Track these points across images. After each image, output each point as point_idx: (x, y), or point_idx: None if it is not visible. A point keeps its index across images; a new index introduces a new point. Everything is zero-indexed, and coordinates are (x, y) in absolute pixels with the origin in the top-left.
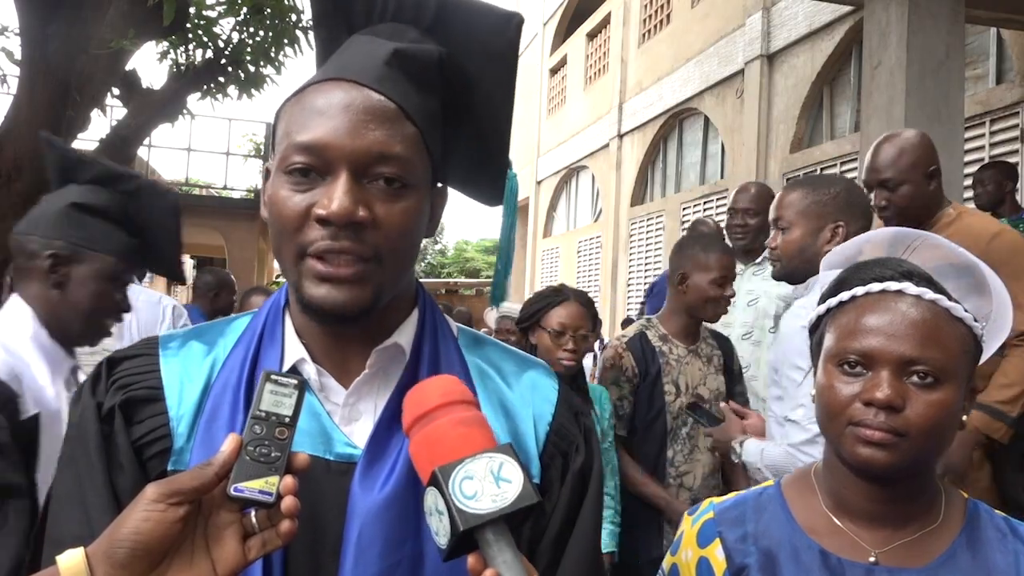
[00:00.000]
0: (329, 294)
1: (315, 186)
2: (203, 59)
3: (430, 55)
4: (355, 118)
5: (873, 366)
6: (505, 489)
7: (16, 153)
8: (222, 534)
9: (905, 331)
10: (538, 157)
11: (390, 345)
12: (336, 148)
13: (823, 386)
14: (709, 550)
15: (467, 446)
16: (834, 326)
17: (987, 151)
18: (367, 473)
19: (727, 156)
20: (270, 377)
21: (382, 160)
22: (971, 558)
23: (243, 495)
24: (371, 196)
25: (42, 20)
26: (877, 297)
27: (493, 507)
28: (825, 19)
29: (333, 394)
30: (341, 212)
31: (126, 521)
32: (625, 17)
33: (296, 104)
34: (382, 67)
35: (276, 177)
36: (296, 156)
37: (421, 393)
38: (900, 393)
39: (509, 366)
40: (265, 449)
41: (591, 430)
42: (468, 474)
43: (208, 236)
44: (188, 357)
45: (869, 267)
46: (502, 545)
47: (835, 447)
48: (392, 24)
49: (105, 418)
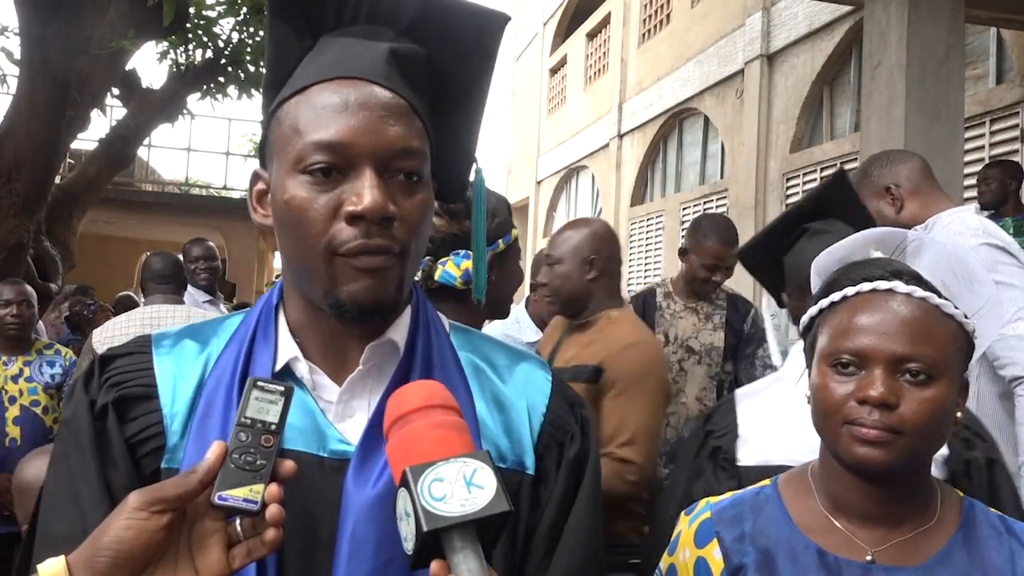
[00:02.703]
0: (364, 287)
1: (338, 185)
2: (203, 59)
3: (419, 54)
4: (374, 114)
5: (866, 365)
6: (476, 495)
7: (16, 153)
8: (206, 542)
9: (897, 329)
10: (538, 157)
11: (385, 341)
12: (360, 145)
13: (817, 386)
14: (707, 550)
15: (441, 449)
16: (827, 326)
17: (987, 151)
18: (361, 470)
19: (727, 156)
20: (256, 384)
21: (403, 155)
22: (967, 556)
23: (227, 503)
24: (393, 191)
25: (42, 20)
26: (868, 296)
27: (461, 511)
28: (825, 19)
29: (326, 392)
30: (375, 207)
31: (108, 529)
32: (625, 17)
33: (302, 104)
34: (385, 65)
35: (288, 179)
36: (317, 155)
37: (402, 396)
38: (894, 391)
39: (502, 360)
40: (250, 457)
41: (587, 420)
42: (439, 476)
43: (208, 236)
44: (181, 355)
45: (859, 267)
46: (468, 553)
47: (831, 446)
48: (367, 26)
49: (98, 415)
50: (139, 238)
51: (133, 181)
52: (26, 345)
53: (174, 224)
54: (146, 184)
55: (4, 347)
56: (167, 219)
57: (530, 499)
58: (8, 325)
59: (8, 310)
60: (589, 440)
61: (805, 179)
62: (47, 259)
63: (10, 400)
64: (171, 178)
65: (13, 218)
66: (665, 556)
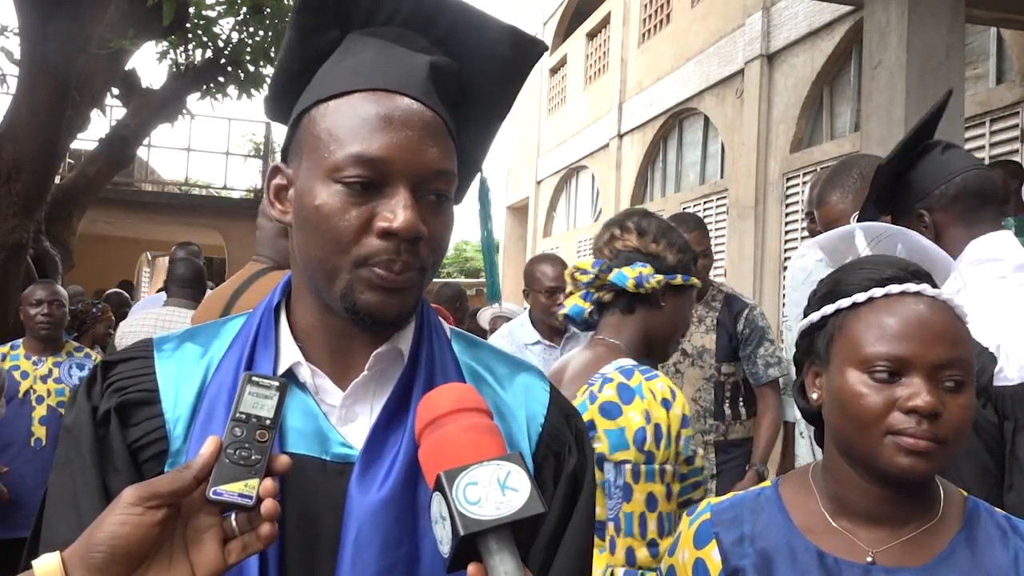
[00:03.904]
0: (383, 301)
1: (372, 199)
2: (203, 59)
3: (455, 70)
4: (416, 134)
5: (906, 372)
6: (511, 497)
7: (16, 153)
8: (202, 537)
9: (935, 335)
10: (538, 157)
11: (390, 349)
12: (400, 163)
13: (849, 394)
14: (705, 551)
15: (474, 453)
16: (852, 329)
17: (987, 151)
18: (365, 474)
19: (727, 156)
20: (251, 379)
21: (438, 176)
22: (970, 556)
23: (222, 498)
24: (424, 210)
25: (42, 20)
26: (898, 299)
27: (496, 514)
28: (825, 19)
29: (329, 395)
30: (409, 228)
31: (103, 525)
32: (625, 17)
33: (343, 109)
34: (426, 81)
35: (320, 184)
36: (356, 168)
37: (433, 400)
38: (941, 399)
39: (502, 368)
40: (245, 452)
41: (583, 432)
42: (473, 480)
43: (208, 236)
44: (183, 359)
45: (868, 267)
46: (504, 556)
47: (866, 456)
48: (399, 29)
49: (100, 421)
50: (139, 238)
51: (133, 181)
52: (57, 346)
53: (174, 224)
54: (146, 184)
55: (35, 347)
56: (167, 219)
57: None
58: (39, 324)
59: (39, 309)
60: (586, 453)
61: (805, 179)
62: (47, 259)
63: (38, 400)
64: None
65: (13, 218)
66: (665, 557)
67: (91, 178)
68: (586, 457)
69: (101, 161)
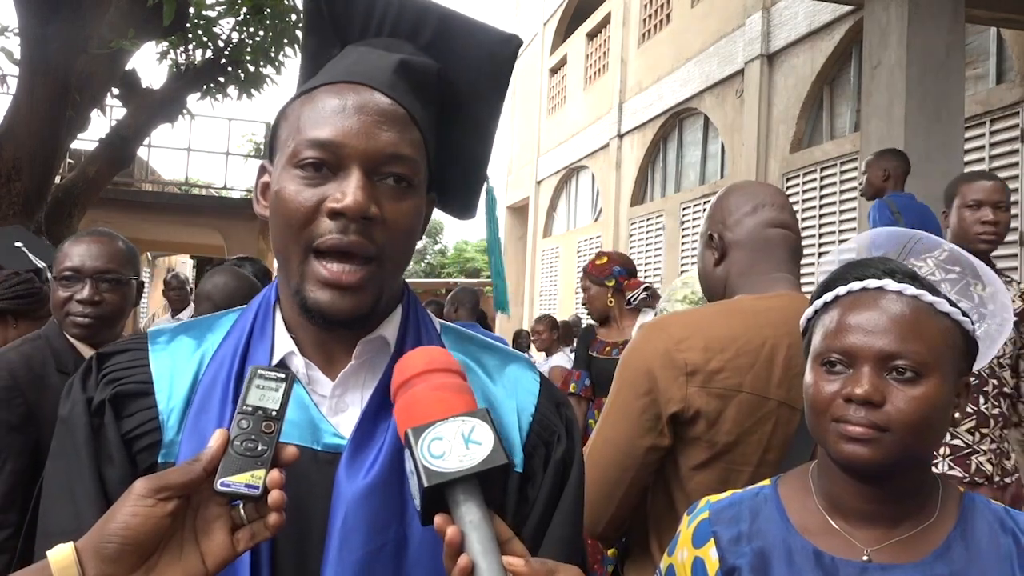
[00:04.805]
0: (333, 300)
1: (326, 182)
2: (203, 59)
3: (431, 68)
4: (369, 119)
5: (854, 363)
6: (474, 451)
7: (16, 153)
8: (211, 527)
9: (884, 327)
10: (538, 157)
11: (375, 338)
12: (351, 146)
13: (809, 385)
14: (704, 550)
15: (442, 410)
16: (819, 326)
17: (987, 151)
18: (352, 461)
19: (727, 156)
20: (257, 372)
21: (393, 160)
22: (965, 550)
23: (230, 489)
24: (380, 194)
25: (42, 20)
26: (858, 295)
27: (459, 467)
28: (825, 19)
29: (320, 386)
30: (355, 206)
31: (115, 516)
32: (625, 17)
33: (307, 103)
34: (391, 75)
35: (283, 172)
36: (309, 151)
37: (406, 362)
38: (879, 388)
39: (491, 361)
40: (251, 443)
41: (572, 420)
42: (438, 435)
43: (208, 236)
44: (177, 351)
45: (854, 267)
46: (471, 505)
47: (823, 444)
48: (388, 39)
49: (95, 412)
50: (139, 238)
51: (133, 181)
52: None
53: (174, 224)
54: (146, 184)
55: None
56: (167, 219)
57: (517, 496)
58: None
59: None
60: (574, 441)
61: (805, 179)
62: None
63: None
64: (171, 178)
65: (13, 218)
66: (664, 556)
67: (91, 178)
68: (575, 444)
69: (101, 161)
